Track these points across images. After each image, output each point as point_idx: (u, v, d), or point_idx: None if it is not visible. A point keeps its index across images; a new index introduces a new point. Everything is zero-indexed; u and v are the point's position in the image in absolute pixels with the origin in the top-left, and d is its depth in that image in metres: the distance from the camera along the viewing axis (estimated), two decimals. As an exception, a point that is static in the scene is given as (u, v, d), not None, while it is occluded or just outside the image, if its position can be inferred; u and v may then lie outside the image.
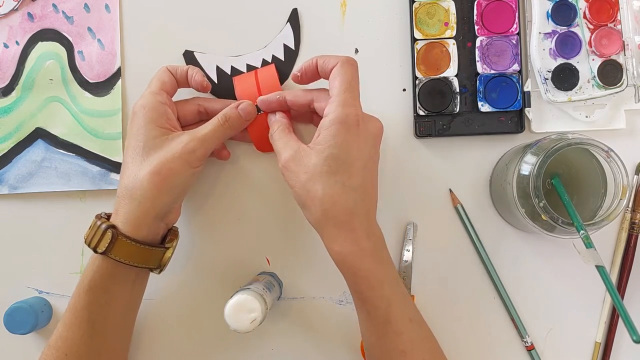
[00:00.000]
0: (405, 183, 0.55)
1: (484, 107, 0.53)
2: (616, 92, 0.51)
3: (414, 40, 0.54)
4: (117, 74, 0.56)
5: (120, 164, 0.55)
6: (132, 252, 0.46)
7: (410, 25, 0.54)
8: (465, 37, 0.54)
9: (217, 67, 0.56)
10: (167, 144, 0.48)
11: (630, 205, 0.54)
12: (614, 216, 0.46)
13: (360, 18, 0.56)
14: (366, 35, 0.56)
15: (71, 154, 0.56)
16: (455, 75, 0.54)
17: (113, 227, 0.46)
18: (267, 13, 0.56)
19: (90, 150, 0.56)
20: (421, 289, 0.55)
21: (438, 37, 0.54)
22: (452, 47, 0.54)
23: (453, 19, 0.54)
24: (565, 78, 0.52)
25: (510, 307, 0.54)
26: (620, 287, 0.54)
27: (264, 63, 0.56)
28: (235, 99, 0.53)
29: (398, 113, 0.55)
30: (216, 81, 0.56)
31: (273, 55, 0.56)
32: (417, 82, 0.54)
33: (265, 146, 0.52)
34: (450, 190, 0.55)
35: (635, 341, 0.43)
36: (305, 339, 0.55)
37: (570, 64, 0.52)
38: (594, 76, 0.52)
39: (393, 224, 0.55)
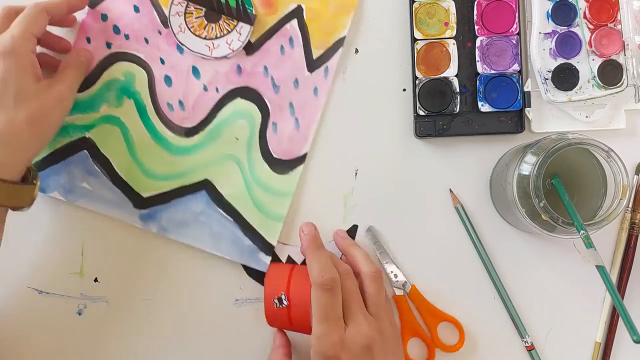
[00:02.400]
0: (405, 183, 0.55)
1: (484, 107, 0.53)
2: (616, 92, 0.51)
3: (414, 40, 0.54)
4: (302, 158, 0.54)
5: (272, 245, 0.54)
6: (9, 193, 0.46)
7: (410, 25, 0.54)
8: (465, 37, 0.54)
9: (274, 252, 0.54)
10: (40, 93, 0.48)
11: (630, 205, 0.54)
12: (614, 216, 0.46)
13: (360, 18, 0.56)
14: (366, 35, 0.56)
15: (229, 218, 0.54)
16: (455, 75, 0.54)
17: None
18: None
19: (249, 222, 0.54)
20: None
21: (438, 37, 0.54)
22: (452, 47, 0.54)
23: (453, 19, 0.54)
24: (565, 78, 0.52)
25: (510, 307, 0.54)
26: (620, 287, 0.54)
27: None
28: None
29: (398, 113, 0.55)
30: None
31: None
32: (417, 82, 0.54)
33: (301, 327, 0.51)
34: (450, 190, 0.55)
35: (635, 341, 0.43)
36: (305, 338, 0.55)
37: (570, 64, 0.52)
38: (594, 76, 0.52)
39: (393, 224, 0.55)
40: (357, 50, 0.56)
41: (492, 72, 0.53)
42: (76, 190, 0.55)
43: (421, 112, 0.54)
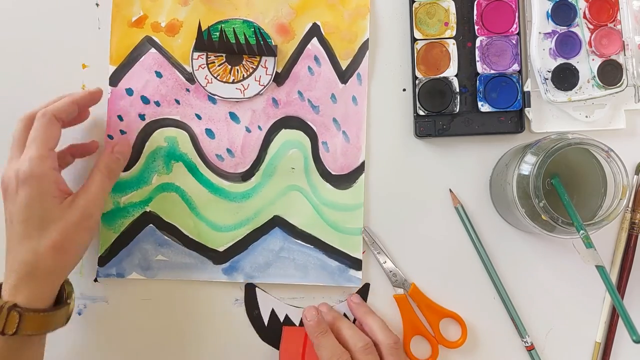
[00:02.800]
0: (405, 183, 0.55)
1: (484, 107, 0.53)
2: (616, 92, 0.51)
3: (414, 40, 0.54)
4: (361, 168, 0.55)
5: (359, 260, 0.54)
6: (42, 321, 0.45)
7: (410, 25, 0.54)
8: (465, 37, 0.54)
9: (272, 310, 0.55)
10: (64, 213, 0.46)
11: (630, 205, 0.54)
12: (614, 216, 0.46)
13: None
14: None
15: (309, 245, 0.54)
16: (455, 75, 0.54)
17: (15, 306, 0.44)
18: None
19: (330, 243, 0.54)
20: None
21: (438, 37, 0.54)
22: (452, 47, 0.54)
23: (453, 19, 0.54)
24: (565, 78, 0.52)
25: (510, 307, 0.54)
26: (620, 287, 0.54)
27: None
28: (278, 347, 0.54)
29: (398, 113, 0.55)
30: (266, 323, 0.55)
31: None
32: (417, 82, 0.54)
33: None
34: (450, 190, 0.55)
35: (635, 341, 0.43)
36: (305, 339, 0.55)
37: (570, 64, 0.52)
38: (594, 76, 0.52)
39: (393, 224, 0.55)
40: (357, 50, 0.56)
41: (492, 72, 0.53)
42: (153, 265, 0.55)
43: (421, 112, 0.54)
